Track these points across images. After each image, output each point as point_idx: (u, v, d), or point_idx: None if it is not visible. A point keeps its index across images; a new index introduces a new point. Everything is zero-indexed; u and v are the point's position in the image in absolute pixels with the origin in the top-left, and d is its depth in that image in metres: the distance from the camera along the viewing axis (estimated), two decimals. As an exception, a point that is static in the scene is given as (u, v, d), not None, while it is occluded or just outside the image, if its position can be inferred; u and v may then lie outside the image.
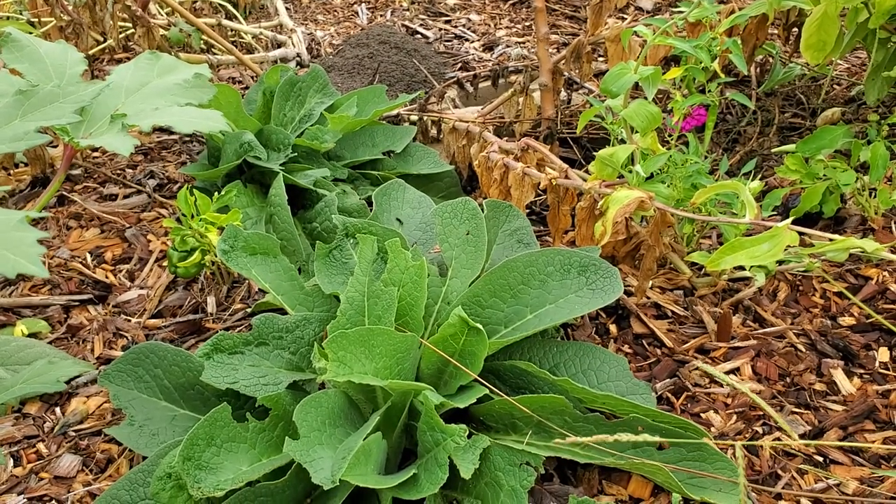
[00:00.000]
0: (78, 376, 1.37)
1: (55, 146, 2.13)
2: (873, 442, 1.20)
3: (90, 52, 2.51)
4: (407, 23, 3.15)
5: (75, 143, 0.68)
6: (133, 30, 2.43)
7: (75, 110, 0.58)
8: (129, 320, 1.58)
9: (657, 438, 0.92)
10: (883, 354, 1.36)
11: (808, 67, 2.20)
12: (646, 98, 1.43)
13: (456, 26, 3.13)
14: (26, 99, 0.57)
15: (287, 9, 3.25)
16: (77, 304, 1.63)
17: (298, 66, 2.74)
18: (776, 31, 2.12)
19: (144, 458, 1.11)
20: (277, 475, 1.04)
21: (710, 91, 1.56)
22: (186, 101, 0.79)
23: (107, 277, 1.71)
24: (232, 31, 2.93)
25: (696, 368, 1.37)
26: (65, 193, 1.99)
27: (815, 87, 2.27)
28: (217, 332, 1.52)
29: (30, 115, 0.57)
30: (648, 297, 1.52)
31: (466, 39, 3.00)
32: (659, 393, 1.32)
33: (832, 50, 1.66)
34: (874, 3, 1.55)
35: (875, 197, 1.62)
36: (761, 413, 1.27)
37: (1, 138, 0.57)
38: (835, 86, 2.30)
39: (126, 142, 0.67)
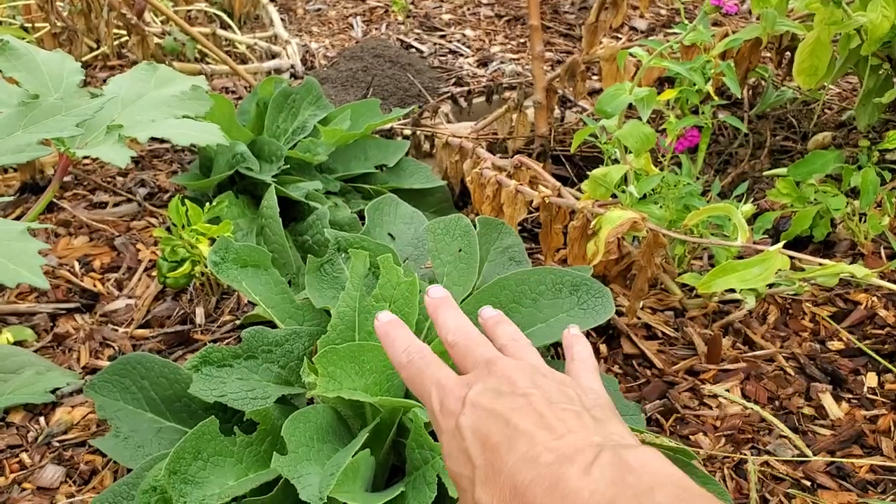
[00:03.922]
0: (64, 386, 1.36)
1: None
2: (860, 468, 1.20)
3: (83, 59, 2.50)
4: (402, 37, 3.16)
5: (71, 154, 0.68)
6: (127, 37, 2.42)
7: (78, 123, 0.58)
8: (117, 330, 1.57)
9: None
10: (871, 379, 1.36)
11: (799, 91, 2.22)
12: (640, 119, 1.44)
13: (451, 41, 3.14)
14: (29, 111, 0.56)
15: (282, 20, 3.25)
16: (64, 312, 1.61)
17: (292, 78, 2.74)
18: (769, 55, 2.14)
19: (129, 470, 1.10)
20: (264, 490, 1.03)
21: (703, 113, 1.57)
22: (183, 114, 0.79)
23: (95, 286, 1.69)
24: (226, 40, 2.93)
25: (688, 390, 1.37)
26: (54, 200, 1.98)
27: (806, 111, 2.29)
28: (205, 343, 1.51)
29: (32, 127, 0.56)
30: (639, 318, 1.52)
31: (461, 55, 3.01)
32: (648, 414, 1.32)
33: (824, 75, 1.68)
34: (866, 30, 1.56)
35: (865, 222, 1.63)
36: (750, 436, 1.27)
37: (3, 150, 0.56)
38: (826, 110, 2.32)
39: (122, 153, 0.66)
